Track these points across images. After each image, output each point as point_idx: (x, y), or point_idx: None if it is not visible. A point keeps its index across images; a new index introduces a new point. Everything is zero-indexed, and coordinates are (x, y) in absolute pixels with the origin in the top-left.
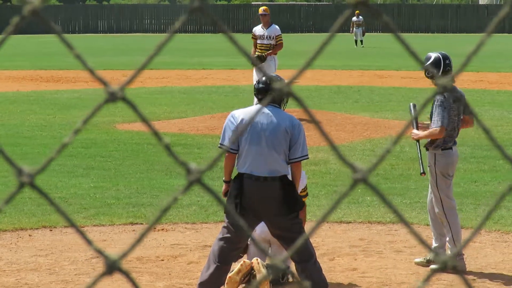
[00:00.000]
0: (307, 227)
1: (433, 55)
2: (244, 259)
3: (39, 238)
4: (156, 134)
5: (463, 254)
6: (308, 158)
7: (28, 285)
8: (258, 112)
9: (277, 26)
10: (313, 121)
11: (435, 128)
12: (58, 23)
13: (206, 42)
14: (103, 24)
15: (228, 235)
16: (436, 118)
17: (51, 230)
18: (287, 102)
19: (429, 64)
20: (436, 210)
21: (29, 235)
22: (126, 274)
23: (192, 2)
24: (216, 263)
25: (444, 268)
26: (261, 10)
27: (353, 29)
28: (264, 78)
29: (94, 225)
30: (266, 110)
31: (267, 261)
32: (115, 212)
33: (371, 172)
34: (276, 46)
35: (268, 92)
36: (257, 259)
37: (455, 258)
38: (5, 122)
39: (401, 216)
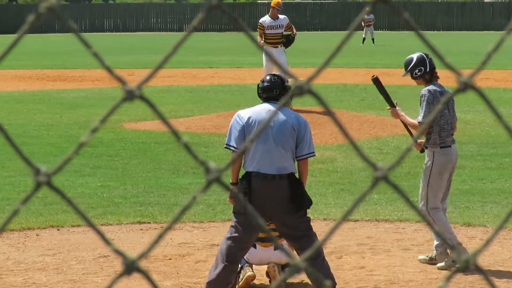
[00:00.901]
0: (318, 225)
1: (415, 56)
2: (248, 271)
3: (47, 238)
4: (174, 132)
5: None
6: (314, 155)
7: (36, 284)
8: (273, 114)
9: (284, 16)
10: (333, 118)
11: (417, 121)
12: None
13: (212, 41)
14: (109, 23)
15: (236, 234)
16: (420, 112)
17: (58, 230)
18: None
19: (414, 64)
20: (420, 207)
21: (37, 235)
22: (145, 274)
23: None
24: (224, 263)
25: (466, 267)
26: (279, 3)
27: (363, 24)
28: (268, 77)
29: (102, 224)
30: (271, 108)
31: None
32: (123, 211)
33: (391, 170)
34: (292, 28)
35: (284, 90)
36: (273, 266)
37: (476, 257)
38: (11, 121)
39: (423, 215)
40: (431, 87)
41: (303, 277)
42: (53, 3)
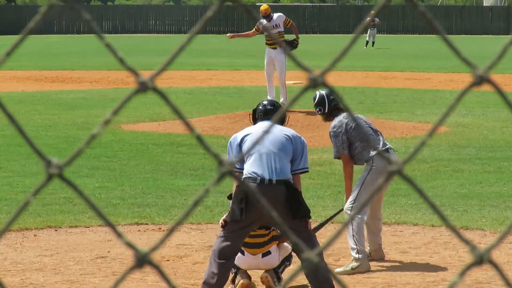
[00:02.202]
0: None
1: (318, 95)
2: (242, 277)
3: (44, 238)
4: (187, 124)
5: (381, 245)
6: (308, 171)
7: (33, 285)
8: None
9: (279, 13)
10: (348, 111)
11: (334, 157)
12: (62, 23)
13: (210, 43)
14: (108, 24)
15: (227, 232)
16: (333, 149)
17: (56, 230)
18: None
19: (315, 103)
20: (345, 206)
21: (34, 235)
22: (157, 267)
23: None
24: (218, 261)
25: (480, 262)
26: (262, 11)
27: (368, 29)
28: (269, 101)
29: (99, 225)
30: (266, 124)
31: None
32: (120, 213)
33: (406, 164)
34: (293, 29)
35: (283, 114)
36: (266, 276)
37: (490, 252)
38: (10, 122)
39: (437, 209)
40: (335, 122)
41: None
42: None
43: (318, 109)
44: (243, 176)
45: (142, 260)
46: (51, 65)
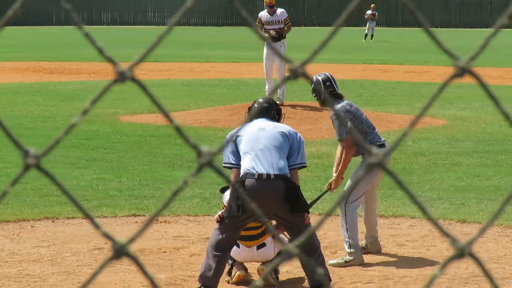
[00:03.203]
0: (314, 220)
1: (314, 80)
2: (238, 269)
3: (42, 229)
4: (166, 115)
5: (377, 237)
6: (306, 166)
7: (30, 276)
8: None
9: (282, 10)
10: (330, 103)
11: (341, 146)
12: (61, 15)
13: (209, 35)
14: (107, 16)
15: (224, 225)
16: (336, 132)
17: (53, 221)
18: (284, 117)
19: (312, 89)
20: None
21: (32, 226)
22: (134, 259)
23: None
24: (214, 253)
25: (461, 255)
26: (266, 2)
27: (368, 21)
28: (265, 99)
29: (97, 217)
30: (264, 123)
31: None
32: (118, 204)
33: (387, 156)
34: (288, 29)
35: (279, 113)
36: (263, 268)
37: (471, 245)
38: (8, 113)
39: (417, 200)
40: (338, 106)
41: (299, 273)
42: None
43: (314, 95)
44: (241, 172)
45: (120, 252)
46: (49, 56)
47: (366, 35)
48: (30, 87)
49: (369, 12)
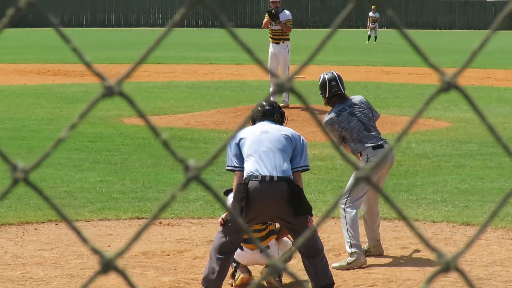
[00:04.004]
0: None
1: (321, 77)
2: (242, 272)
3: (45, 232)
4: (153, 129)
5: (380, 240)
6: (309, 169)
7: (33, 279)
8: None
9: (287, 12)
10: (315, 118)
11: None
12: (65, 16)
13: (213, 37)
14: (111, 17)
15: (227, 227)
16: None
17: (56, 224)
18: (287, 119)
19: (319, 85)
20: (340, 202)
21: (35, 229)
22: (122, 273)
23: None
24: (218, 256)
25: (447, 269)
26: (272, 2)
27: (369, 24)
28: (268, 102)
29: (100, 219)
30: (267, 126)
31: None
32: (121, 207)
33: (373, 170)
34: (286, 28)
35: (282, 115)
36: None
37: (458, 258)
38: (11, 115)
39: (402, 213)
40: (327, 118)
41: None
42: None
43: (320, 92)
44: (245, 175)
45: (107, 266)
46: (53, 58)
47: (369, 36)
48: (34, 89)
49: (371, 14)
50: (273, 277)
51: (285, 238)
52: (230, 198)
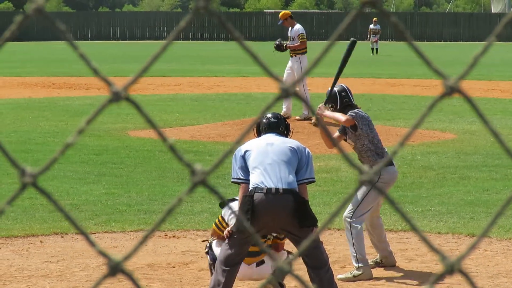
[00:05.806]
0: (323, 234)
1: (329, 90)
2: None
3: (51, 245)
4: (160, 134)
5: (391, 251)
6: (314, 181)
7: None
8: (264, 109)
9: (298, 26)
10: (319, 121)
11: (345, 116)
12: (70, 30)
13: (218, 50)
14: (116, 31)
15: (234, 241)
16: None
17: (62, 237)
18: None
19: (327, 99)
20: (345, 214)
21: (41, 241)
22: (129, 276)
23: (198, 1)
24: (223, 268)
25: (451, 271)
26: (279, 17)
27: (370, 36)
28: (273, 114)
29: (106, 232)
30: (273, 138)
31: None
32: (127, 219)
33: (376, 174)
34: (296, 46)
35: (287, 128)
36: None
37: (461, 261)
38: (17, 128)
39: (408, 218)
40: (355, 111)
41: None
42: (41, 4)
43: (330, 105)
44: (250, 187)
45: (115, 269)
46: (58, 72)
47: (372, 49)
48: (39, 102)
49: (371, 26)
50: (276, 286)
51: (282, 251)
52: (227, 208)
